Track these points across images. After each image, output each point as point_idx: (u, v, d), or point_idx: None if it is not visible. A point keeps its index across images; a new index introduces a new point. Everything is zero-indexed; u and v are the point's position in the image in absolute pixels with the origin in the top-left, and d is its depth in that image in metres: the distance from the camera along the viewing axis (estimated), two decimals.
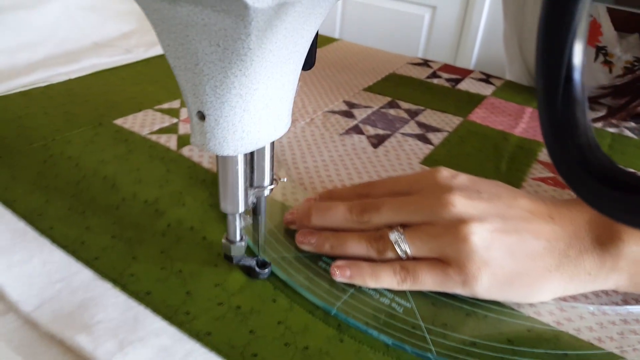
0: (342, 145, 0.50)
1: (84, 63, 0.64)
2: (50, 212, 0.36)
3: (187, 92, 0.24)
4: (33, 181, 0.39)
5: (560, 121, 0.15)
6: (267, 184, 0.30)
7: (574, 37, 0.14)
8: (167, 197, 0.39)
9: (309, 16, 0.22)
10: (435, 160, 0.48)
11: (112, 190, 0.39)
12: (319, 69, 0.69)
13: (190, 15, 0.20)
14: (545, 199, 0.34)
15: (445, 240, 0.31)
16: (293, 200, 0.40)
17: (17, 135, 0.46)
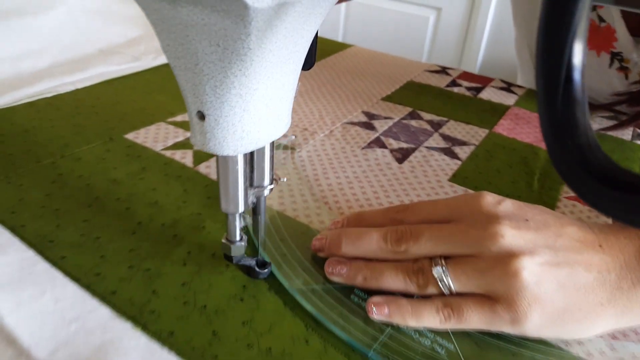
0: (364, 160, 0.47)
1: (91, 71, 0.61)
2: (61, 238, 0.34)
3: (187, 92, 0.24)
4: (42, 204, 0.37)
5: (560, 121, 0.15)
6: (267, 183, 0.30)
7: (574, 37, 0.14)
8: (186, 220, 0.37)
9: (309, 16, 0.22)
10: (464, 177, 0.46)
11: (126, 213, 0.37)
12: (334, 77, 0.67)
13: (190, 15, 0.20)
14: (592, 226, 0.32)
15: (493, 275, 0.28)
16: (318, 222, 0.38)
17: (24, 152, 0.43)
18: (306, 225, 0.37)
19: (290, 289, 0.31)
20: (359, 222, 0.35)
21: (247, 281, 0.31)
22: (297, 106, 0.58)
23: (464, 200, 0.33)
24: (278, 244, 0.35)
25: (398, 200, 0.42)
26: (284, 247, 0.35)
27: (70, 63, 0.64)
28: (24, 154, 0.43)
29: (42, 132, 0.47)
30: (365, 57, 0.76)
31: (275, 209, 0.39)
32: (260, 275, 0.32)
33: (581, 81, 0.15)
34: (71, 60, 0.64)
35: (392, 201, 0.42)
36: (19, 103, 0.52)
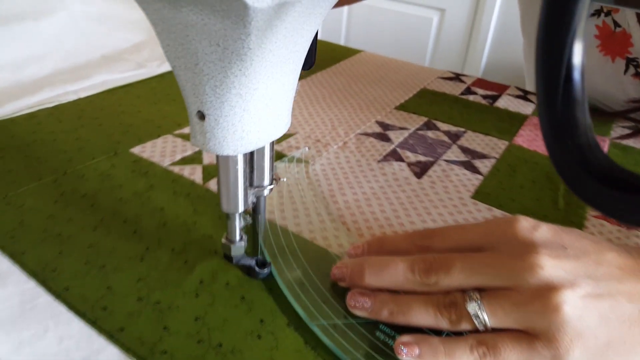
0: (381, 175, 0.45)
1: (94, 79, 0.59)
2: (65, 266, 0.31)
3: (187, 92, 0.23)
4: (44, 227, 0.35)
5: (560, 121, 0.15)
6: (267, 183, 0.30)
7: (574, 37, 0.14)
8: (197, 243, 0.35)
9: (309, 16, 0.22)
10: (487, 194, 0.44)
11: (134, 237, 0.35)
12: (344, 84, 0.65)
13: (190, 15, 0.20)
14: (630, 250, 0.29)
15: (532, 309, 0.26)
16: (337, 245, 0.36)
17: (24, 168, 0.41)
18: (324, 250, 0.35)
19: (310, 324, 0.29)
20: (381, 247, 0.33)
21: (264, 314, 0.29)
22: (308, 116, 0.56)
23: (496, 225, 0.30)
24: (296, 271, 0.33)
25: (419, 219, 0.40)
26: (302, 276, 0.32)
27: (72, 70, 0.61)
28: (24, 170, 0.40)
29: (44, 147, 0.45)
30: (375, 62, 0.73)
31: (292, 229, 0.37)
32: (260, 275, 0.32)
33: (581, 81, 0.15)
34: (73, 67, 0.62)
35: (413, 220, 0.39)
36: (20, 114, 0.50)
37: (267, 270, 0.32)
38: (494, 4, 1.77)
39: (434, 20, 1.94)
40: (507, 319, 0.27)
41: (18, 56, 0.61)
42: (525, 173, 0.47)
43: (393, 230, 0.38)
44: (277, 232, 0.36)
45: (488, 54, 1.85)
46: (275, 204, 0.39)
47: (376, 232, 0.38)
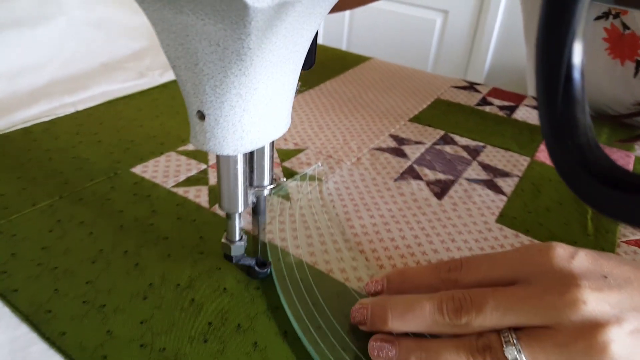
0: (399, 195, 0.42)
1: (93, 90, 0.56)
2: (60, 307, 0.29)
3: (187, 92, 0.23)
4: (38, 260, 0.32)
5: (560, 121, 0.15)
6: (267, 183, 0.30)
7: (574, 37, 0.14)
8: (203, 278, 0.32)
9: (309, 16, 0.22)
10: (512, 217, 0.41)
11: (135, 271, 0.32)
12: (355, 94, 0.62)
13: (190, 15, 0.20)
14: None
15: (577, 350, 0.24)
16: (355, 279, 0.33)
17: (18, 192, 0.38)
18: (342, 284, 0.32)
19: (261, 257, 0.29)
20: (402, 282, 0.30)
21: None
22: (318, 129, 0.53)
23: (530, 254, 0.27)
24: (311, 311, 0.30)
25: (442, 247, 0.37)
26: (318, 316, 0.30)
27: (70, 80, 0.59)
28: (17, 194, 0.37)
29: (39, 167, 0.42)
30: (385, 70, 0.71)
31: (306, 260, 0.34)
32: (260, 274, 0.32)
33: (581, 81, 0.14)
34: (72, 76, 0.59)
35: (435, 248, 0.37)
36: (14, 129, 0.47)
37: (267, 270, 0.32)
38: (499, 5, 1.74)
39: (437, 22, 1.91)
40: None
41: (13, 66, 0.58)
42: (551, 194, 0.44)
43: (415, 259, 0.35)
44: (291, 262, 0.34)
45: (492, 56, 1.82)
46: (287, 229, 0.37)
47: (397, 262, 0.35)
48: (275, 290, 0.32)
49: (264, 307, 0.30)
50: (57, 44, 0.64)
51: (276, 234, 0.36)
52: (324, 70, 0.67)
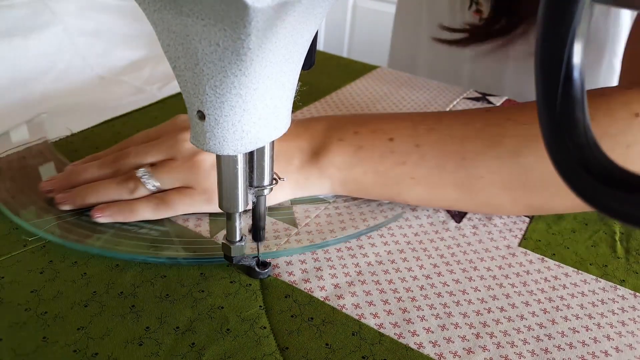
0: (414, 218, 0.39)
1: (89, 108, 0.54)
2: (48, 358, 0.26)
3: (187, 92, 0.24)
4: (27, 304, 0.29)
5: (559, 120, 0.15)
6: (267, 183, 0.30)
7: (574, 37, 0.14)
8: (205, 319, 0.29)
9: (309, 16, 0.22)
10: (537, 240, 0.38)
11: (131, 314, 0.29)
12: (362, 106, 0.59)
13: (190, 15, 0.20)
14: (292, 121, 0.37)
15: (185, 169, 0.35)
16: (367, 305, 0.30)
17: (8, 231, 0.35)
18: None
19: (34, 229, 0.34)
20: (86, 162, 0.39)
21: None
22: None
23: (165, 123, 0.40)
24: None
25: (464, 276, 0.34)
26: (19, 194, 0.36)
27: (65, 95, 0.56)
28: (7, 233, 0.35)
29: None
30: (394, 80, 0.68)
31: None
32: (261, 275, 0.32)
33: (581, 80, 0.15)
34: (67, 91, 0.57)
35: (457, 278, 0.34)
36: (5, 154, 0.44)
37: (268, 271, 0.33)
38: None
39: None
40: (171, 179, 0.35)
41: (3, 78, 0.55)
42: (575, 214, 0.41)
43: (436, 291, 0.33)
44: None
45: None
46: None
47: (416, 294, 0.32)
48: (284, 329, 0.29)
49: (272, 349, 0.28)
50: (52, 55, 0.61)
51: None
52: (331, 80, 0.65)
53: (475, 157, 0.35)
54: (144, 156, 0.36)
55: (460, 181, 0.36)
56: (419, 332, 0.30)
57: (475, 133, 0.36)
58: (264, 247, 0.35)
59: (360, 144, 0.37)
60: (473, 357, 0.29)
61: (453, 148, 0.36)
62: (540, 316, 0.32)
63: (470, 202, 0.38)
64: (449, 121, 0.37)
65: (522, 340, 0.30)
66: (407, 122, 0.38)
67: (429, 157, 0.36)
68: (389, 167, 0.36)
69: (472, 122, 0.37)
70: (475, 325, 0.31)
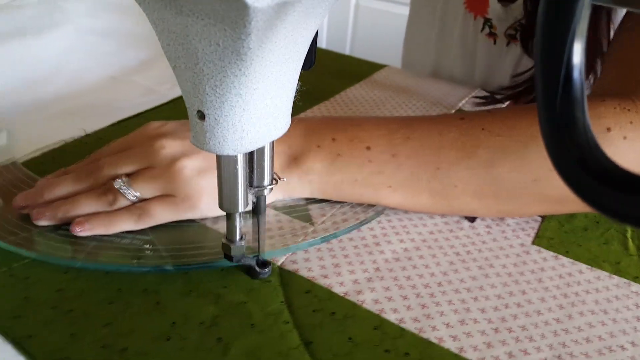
0: (429, 218, 0.40)
1: (102, 109, 0.54)
2: (79, 354, 0.27)
3: (187, 92, 0.24)
4: (53, 303, 0.30)
5: (559, 120, 0.15)
6: (267, 183, 0.30)
7: (574, 37, 0.14)
8: (228, 313, 0.30)
9: (309, 16, 0.22)
10: (549, 238, 0.39)
11: (156, 310, 0.30)
12: (372, 105, 0.60)
13: (190, 15, 0.20)
14: None
15: (165, 178, 0.35)
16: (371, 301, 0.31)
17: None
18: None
19: (15, 249, 0.33)
20: (57, 176, 0.38)
21: None
22: None
23: (135, 132, 0.39)
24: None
25: (481, 273, 0.35)
26: None
27: (78, 95, 0.56)
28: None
29: None
30: (403, 79, 0.68)
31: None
32: (261, 275, 0.32)
33: (581, 80, 0.15)
34: (80, 92, 0.57)
35: (474, 275, 0.34)
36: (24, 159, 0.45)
37: (268, 270, 0.33)
38: None
39: None
40: (151, 188, 0.35)
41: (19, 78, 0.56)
42: (587, 212, 0.42)
43: (453, 287, 0.33)
44: None
45: None
46: None
47: (434, 290, 0.33)
48: (307, 324, 0.29)
49: (297, 343, 0.29)
50: (64, 55, 0.62)
51: None
52: (339, 79, 0.65)
53: (450, 167, 0.37)
54: (120, 166, 0.36)
55: (435, 189, 0.37)
56: (439, 327, 0.30)
57: (449, 143, 0.37)
58: (282, 244, 0.35)
59: (338, 152, 0.37)
60: (493, 351, 0.29)
61: (428, 158, 0.37)
62: (556, 312, 0.32)
63: (444, 208, 0.39)
64: (424, 130, 0.38)
65: (540, 334, 0.31)
66: (384, 130, 0.38)
67: (405, 166, 0.37)
68: (366, 175, 0.37)
69: (446, 131, 0.37)
70: (493, 321, 0.31)
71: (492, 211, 0.39)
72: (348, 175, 0.38)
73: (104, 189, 0.35)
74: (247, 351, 0.28)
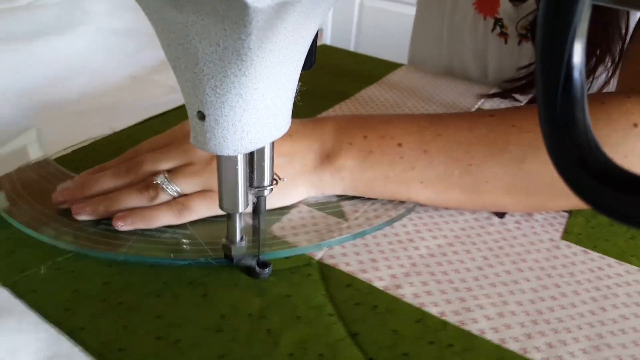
0: (459, 214, 0.41)
1: (126, 107, 0.55)
2: (134, 345, 0.27)
3: (187, 92, 0.24)
4: (101, 296, 0.30)
5: (559, 120, 0.15)
6: (267, 183, 0.31)
7: (574, 37, 0.14)
8: (275, 306, 0.30)
9: (309, 16, 0.22)
10: (578, 234, 0.39)
11: (204, 302, 0.30)
12: (393, 105, 0.60)
13: (190, 15, 0.20)
14: (295, 121, 0.37)
15: (205, 174, 0.35)
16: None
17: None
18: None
19: (43, 239, 0.34)
20: (94, 172, 0.39)
21: None
22: None
23: (174, 128, 0.40)
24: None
25: (514, 267, 0.35)
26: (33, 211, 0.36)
27: (102, 94, 0.57)
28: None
29: None
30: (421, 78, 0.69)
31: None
32: (261, 275, 0.32)
33: (581, 80, 0.15)
34: (103, 90, 0.58)
35: (508, 269, 0.35)
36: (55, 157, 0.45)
37: (268, 270, 0.32)
38: None
39: None
40: (190, 184, 0.36)
41: (43, 77, 0.56)
42: None
43: (489, 282, 0.34)
44: None
45: None
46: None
47: (471, 284, 0.34)
48: (350, 316, 0.30)
49: (343, 335, 0.29)
50: (86, 54, 0.62)
51: None
52: (356, 78, 0.66)
53: (481, 164, 0.37)
54: (160, 163, 0.36)
55: (466, 185, 0.38)
56: (479, 320, 0.31)
57: (480, 139, 0.38)
58: (318, 239, 0.36)
59: (370, 149, 0.38)
60: (533, 342, 0.30)
61: (459, 154, 0.38)
62: (589, 304, 0.33)
63: (475, 204, 0.40)
64: (454, 127, 0.39)
65: (576, 326, 0.31)
66: (414, 127, 0.39)
67: (436, 162, 0.38)
68: (398, 172, 0.38)
69: (477, 127, 0.38)
70: (531, 313, 0.32)
71: (522, 206, 0.40)
72: (380, 172, 0.38)
73: (145, 185, 0.35)
74: (296, 342, 0.28)
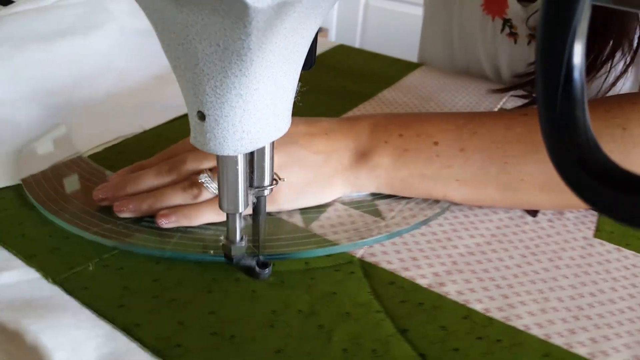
0: (493, 213, 0.41)
1: (153, 107, 0.55)
2: (190, 341, 0.27)
3: (187, 92, 0.24)
4: (153, 292, 0.31)
5: (559, 120, 0.15)
6: (267, 183, 0.31)
7: (574, 37, 0.14)
8: (322, 302, 0.31)
9: (309, 16, 0.22)
10: (610, 232, 0.40)
11: (254, 297, 0.31)
12: (416, 104, 0.61)
13: (190, 15, 0.20)
14: (321, 120, 0.40)
15: None
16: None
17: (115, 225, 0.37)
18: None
19: (87, 236, 0.34)
20: (133, 170, 0.39)
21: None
22: None
23: None
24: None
25: (552, 265, 0.36)
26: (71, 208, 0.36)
27: (128, 94, 0.57)
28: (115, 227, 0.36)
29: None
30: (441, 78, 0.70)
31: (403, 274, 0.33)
32: (261, 275, 0.32)
33: (581, 80, 0.15)
34: (129, 90, 0.58)
35: (546, 267, 0.36)
36: (88, 154, 0.45)
37: (268, 271, 0.32)
38: None
39: None
40: None
41: (69, 77, 0.56)
42: None
43: (529, 279, 0.35)
44: None
45: None
46: None
47: (512, 282, 0.34)
48: (397, 313, 0.31)
49: (392, 331, 0.30)
50: (111, 54, 0.63)
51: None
52: (374, 78, 0.66)
53: (517, 162, 0.38)
54: (203, 161, 0.36)
55: (502, 183, 0.38)
56: (523, 316, 0.32)
57: (516, 138, 0.38)
58: (358, 237, 0.37)
59: (405, 147, 0.38)
60: (577, 337, 0.31)
61: (496, 152, 0.38)
62: (628, 300, 0.34)
63: (511, 202, 0.40)
64: (490, 125, 0.39)
65: (617, 322, 0.32)
66: (451, 125, 0.39)
67: (473, 160, 0.38)
68: (434, 170, 0.38)
69: (512, 126, 0.39)
70: (572, 309, 0.33)
71: (556, 204, 0.40)
72: (416, 170, 0.39)
73: (188, 183, 0.36)
74: (348, 338, 0.29)
